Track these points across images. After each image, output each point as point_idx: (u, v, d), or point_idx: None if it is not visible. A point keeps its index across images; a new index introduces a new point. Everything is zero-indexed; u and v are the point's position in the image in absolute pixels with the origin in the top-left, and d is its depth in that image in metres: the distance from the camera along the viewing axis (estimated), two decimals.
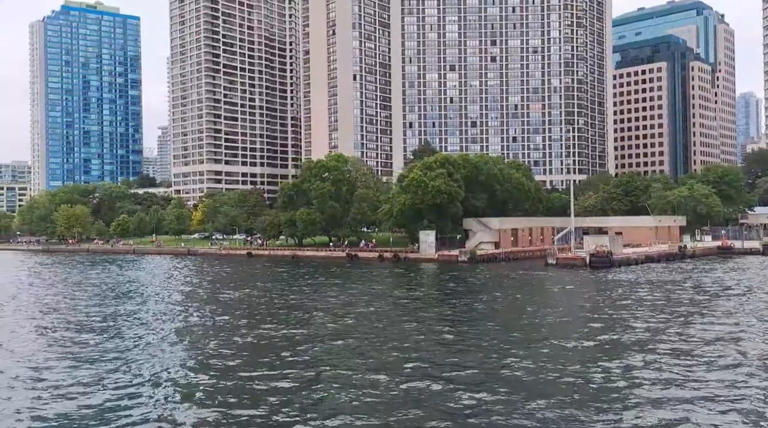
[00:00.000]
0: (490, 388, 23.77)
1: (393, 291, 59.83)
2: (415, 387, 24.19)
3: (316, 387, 24.53)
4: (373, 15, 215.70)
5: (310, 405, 22.32)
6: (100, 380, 26.07)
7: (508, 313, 44.32)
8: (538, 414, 20.73)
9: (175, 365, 28.70)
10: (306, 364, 28.37)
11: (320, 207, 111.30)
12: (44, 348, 33.00)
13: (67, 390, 24.85)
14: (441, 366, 27.73)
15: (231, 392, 24.17)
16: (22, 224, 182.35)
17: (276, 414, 21.36)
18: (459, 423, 20.18)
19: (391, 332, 36.53)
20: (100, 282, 72.32)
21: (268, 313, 45.14)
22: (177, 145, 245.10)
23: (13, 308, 50.35)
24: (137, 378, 26.36)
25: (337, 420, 20.56)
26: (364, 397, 23.05)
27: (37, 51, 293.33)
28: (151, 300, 54.31)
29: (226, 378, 26.18)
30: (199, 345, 33.33)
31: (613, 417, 20.36)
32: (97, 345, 33.72)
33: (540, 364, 27.35)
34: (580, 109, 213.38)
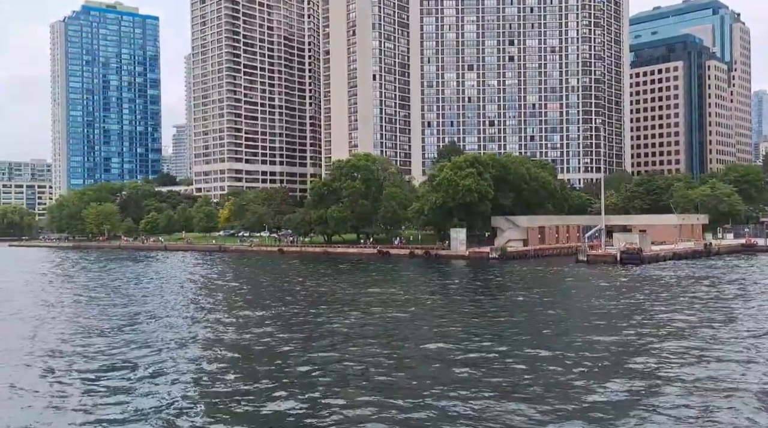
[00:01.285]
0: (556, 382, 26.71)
1: (439, 286, 62.88)
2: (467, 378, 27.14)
3: (390, 364, 27.67)
4: (393, 15, 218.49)
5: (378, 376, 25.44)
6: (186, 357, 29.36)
7: (557, 307, 47.22)
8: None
9: (259, 353, 31.93)
10: (388, 346, 31.54)
11: (351, 205, 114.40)
12: (152, 332, 36.36)
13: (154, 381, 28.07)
14: (499, 357, 30.78)
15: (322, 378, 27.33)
16: (52, 221, 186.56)
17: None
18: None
19: (453, 324, 39.59)
20: (169, 277, 75.90)
21: (331, 303, 48.34)
22: (198, 144, 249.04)
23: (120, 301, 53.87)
24: (226, 354, 29.61)
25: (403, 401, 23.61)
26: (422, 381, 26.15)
27: (58, 51, 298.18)
28: (222, 291, 57.66)
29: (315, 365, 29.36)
30: (286, 334, 36.55)
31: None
32: (190, 327, 37.05)
33: (603, 355, 30.34)
34: (598, 108, 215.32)
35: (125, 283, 68.86)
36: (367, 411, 21.32)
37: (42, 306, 49.51)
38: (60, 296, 56.32)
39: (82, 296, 56.12)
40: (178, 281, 70.72)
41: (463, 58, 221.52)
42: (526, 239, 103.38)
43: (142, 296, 55.91)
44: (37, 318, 42.90)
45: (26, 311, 46.56)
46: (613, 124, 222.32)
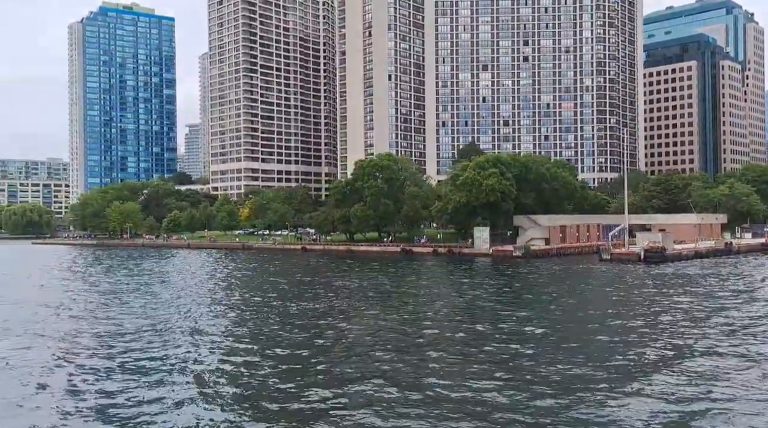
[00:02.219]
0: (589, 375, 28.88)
1: (469, 283, 65.15)
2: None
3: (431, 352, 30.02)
4: (408, 16, 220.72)
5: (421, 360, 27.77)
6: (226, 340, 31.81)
7: (590, 303, 49.37)
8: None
9: (311, 345, 34.34)
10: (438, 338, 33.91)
11: (374, 204, 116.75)
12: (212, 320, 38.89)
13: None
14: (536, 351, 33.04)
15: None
16: (75, 219, 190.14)
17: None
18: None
19: (503, 318, 41.90)
20: (209, 272, 78.56)
21: (372, 298, 50.74)
22: (215, 143, 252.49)
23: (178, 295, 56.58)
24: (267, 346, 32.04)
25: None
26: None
27: (76, 51, 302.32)
28: (268, 286, 60.20)
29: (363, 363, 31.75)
30: (334, 329, 38.99)
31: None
32: (239, 318, 39.56)
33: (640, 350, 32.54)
34: (612, 108, 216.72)
35: (175, 277, 71.58)
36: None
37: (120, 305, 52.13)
38: (121, 295, 58.97)
39: (151, 291, 58.80)
40: (221, 277, 73.33)
41: (478, 58, 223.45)
42: (547, 238, 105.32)
43: (196, 291, 58.49)
44: (112, 316, 45.48)
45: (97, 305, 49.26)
46: (627, 123, 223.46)
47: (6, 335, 36.68)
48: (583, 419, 20.51)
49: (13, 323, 40.73)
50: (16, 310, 47.23)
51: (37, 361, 29.66)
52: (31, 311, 45.98)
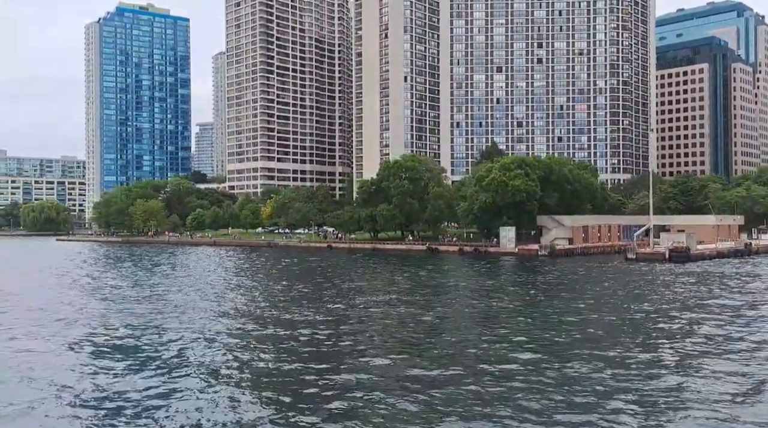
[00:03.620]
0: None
1: (507, 279, 68.43)
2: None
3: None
4: (423, 18, 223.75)
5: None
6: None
7: (633, 299, 52.59)
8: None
9: (382, 340, 37.67)
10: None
11: (400, 204, 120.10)
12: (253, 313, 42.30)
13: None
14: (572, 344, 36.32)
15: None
16: (99, 217, 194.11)
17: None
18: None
19: (532, 316, 45.20)
20: (251, 269, 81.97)
21: (422, 293, 54.09)
22: (231, 143, 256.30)
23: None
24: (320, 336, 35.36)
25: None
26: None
27: (93, 51, 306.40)
28: (312, 283, 63.59)
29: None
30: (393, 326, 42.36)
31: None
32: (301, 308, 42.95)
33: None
34: (625, 110, 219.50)
35: (221, 275, 75.06)
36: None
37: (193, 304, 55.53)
38: (186, 291, 62.26)
39: (207, 288, 62.20)
40: (264, 273, 76.74)
41: (492, 60, 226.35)
42: (571, 238, 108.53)
43: (247, 286, 61.92)
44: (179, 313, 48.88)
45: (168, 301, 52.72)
46: (640, 125, 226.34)
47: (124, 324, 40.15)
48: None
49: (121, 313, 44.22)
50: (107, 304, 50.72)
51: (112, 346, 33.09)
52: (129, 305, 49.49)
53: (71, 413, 22.09)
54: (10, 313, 44.46)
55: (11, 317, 42.39)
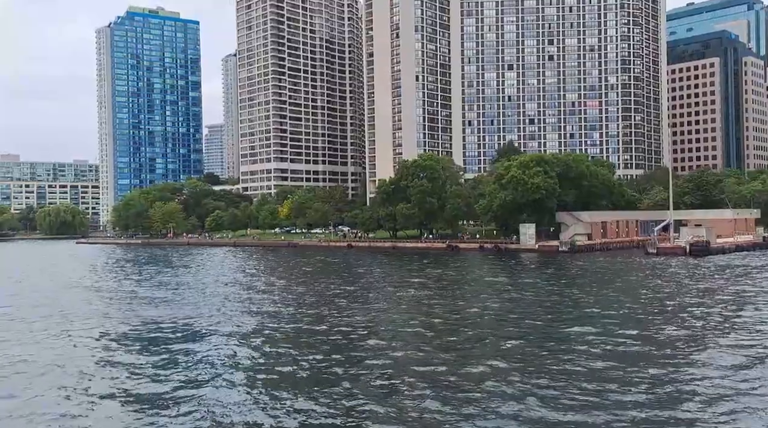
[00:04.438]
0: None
1: (536, 275, 69.88)
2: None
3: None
4: (434, 17, 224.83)
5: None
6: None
7: (665, 290, 53.96)
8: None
9: (418, 337, 39.27)
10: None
11: (419, 203, 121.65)
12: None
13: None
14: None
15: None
16: (119, 219, 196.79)
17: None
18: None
19: (588, 306, 46.69)
20: (285, 268, 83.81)
21: (463, 288, 55.68)
22: (244, 144, 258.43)
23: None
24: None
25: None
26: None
27: (104, 56, 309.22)
28: (353, 279, 65.29)
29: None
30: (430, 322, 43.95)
31: None
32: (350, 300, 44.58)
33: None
34: (637, 105, 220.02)
35: (256, 274, 76.92)
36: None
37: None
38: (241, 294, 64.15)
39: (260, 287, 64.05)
40: (300, 271, 78.51)
41: (503, 57, 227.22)
42: (590, 234, 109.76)
43: (283, 285, 63.71)
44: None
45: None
46: (652, 121, 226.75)
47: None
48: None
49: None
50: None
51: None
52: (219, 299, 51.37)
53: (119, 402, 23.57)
54: (101, 310, 46.44)
55: (102, 312, 44.33)
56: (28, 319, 43.20)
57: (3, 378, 27.23)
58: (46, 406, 23.16)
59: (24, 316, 44.73)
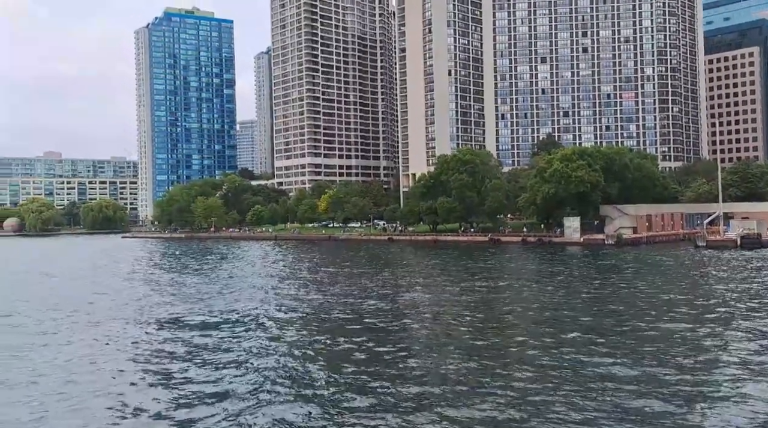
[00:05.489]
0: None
1: (589, 269, 71.19)
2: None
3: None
4: (466, 12, 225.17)
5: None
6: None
7: (728, 284, 54.94)
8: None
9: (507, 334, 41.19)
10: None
11: (460, 197, 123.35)
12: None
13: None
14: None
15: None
16: (162, 214, 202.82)
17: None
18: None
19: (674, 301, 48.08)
20: (345, 260, 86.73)
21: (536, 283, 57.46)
22: (279, 140, 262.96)
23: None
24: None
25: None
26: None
27: (142, 55, 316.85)
28: (420, 272, 67.61)
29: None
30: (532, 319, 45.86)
31: None
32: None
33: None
34: (674, 97, 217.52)
35: (308, 266, 79.87)
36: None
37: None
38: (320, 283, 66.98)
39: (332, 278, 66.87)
40: (354, 263, 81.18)
41: (536, 50, 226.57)
42: (635, 227, 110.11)
43: (336, 275, 66.35)
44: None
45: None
46: (690, 112, 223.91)
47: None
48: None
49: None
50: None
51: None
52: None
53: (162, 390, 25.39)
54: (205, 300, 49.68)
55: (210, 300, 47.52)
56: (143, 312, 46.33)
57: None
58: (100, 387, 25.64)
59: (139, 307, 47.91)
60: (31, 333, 37.39)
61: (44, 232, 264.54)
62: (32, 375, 27.71)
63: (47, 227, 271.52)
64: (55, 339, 35.74)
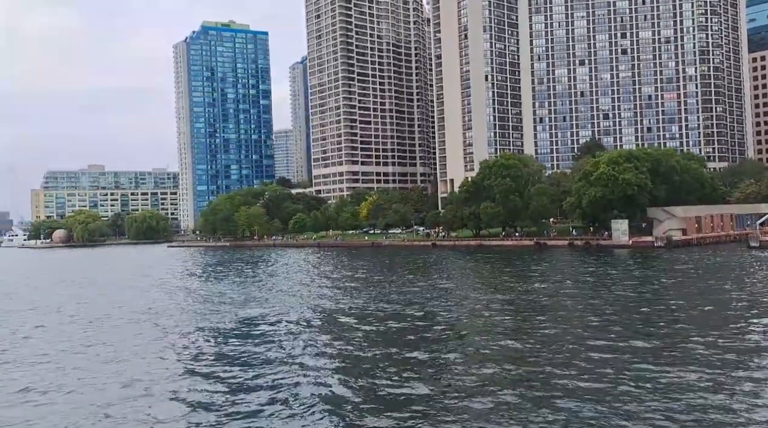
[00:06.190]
0: None
1: (647, 272, 70.61)
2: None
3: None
4: (502, 17, 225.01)
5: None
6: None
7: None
8: None
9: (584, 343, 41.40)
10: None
11: (503, 201, 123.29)
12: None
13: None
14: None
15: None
16: (206, 223, 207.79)
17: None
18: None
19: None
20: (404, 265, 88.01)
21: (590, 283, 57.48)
22: (316, 149, 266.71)
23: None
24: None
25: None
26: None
27: (181, 69, 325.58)
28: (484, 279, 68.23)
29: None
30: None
31: None
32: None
33: None
34: (718, 96, 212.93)
35: (362, 273, 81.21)
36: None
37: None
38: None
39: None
40: (404, 268, 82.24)
41: (574, 53, 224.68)
42: (684, 229, 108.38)
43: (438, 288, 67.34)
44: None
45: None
46: (734, 112, 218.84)
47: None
48: None
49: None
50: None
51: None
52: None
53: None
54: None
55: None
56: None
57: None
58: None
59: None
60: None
61: (91, 243, 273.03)
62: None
63: (93, 238, 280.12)
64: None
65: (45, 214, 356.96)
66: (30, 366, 31.88)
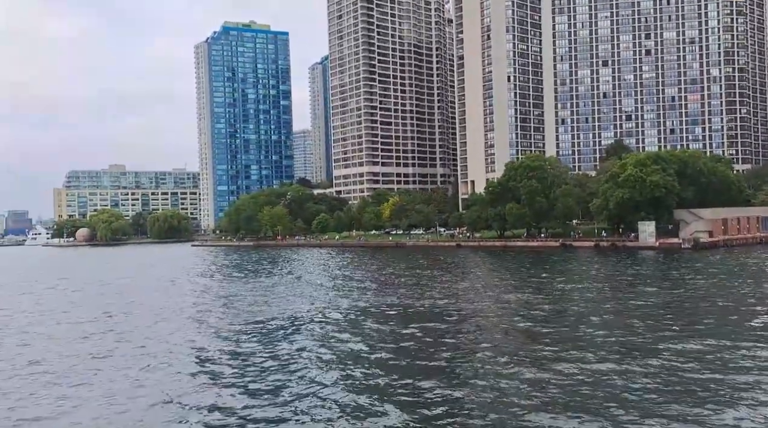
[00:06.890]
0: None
1: (678, 274, 70.73)
2: None
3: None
4: (525, 17, 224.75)
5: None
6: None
7: None
8: None
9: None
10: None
11: (529, 203, 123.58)
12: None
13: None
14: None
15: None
16: (229, 223, 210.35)
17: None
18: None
19: None
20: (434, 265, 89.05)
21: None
22: (337, 149, 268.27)
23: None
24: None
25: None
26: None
27: (202, 69, 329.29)
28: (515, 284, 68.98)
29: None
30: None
31: None
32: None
33: None
34: (742, 98, 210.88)
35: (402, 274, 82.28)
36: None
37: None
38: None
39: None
40: (439, 270, 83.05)
41: (597, 54, 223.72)
42: (710, 231, 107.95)
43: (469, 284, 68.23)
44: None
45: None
46: (759, 113, 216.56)
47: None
48: None
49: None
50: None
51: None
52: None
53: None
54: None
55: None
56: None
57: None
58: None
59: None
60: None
61: (114, 241, 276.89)
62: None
63: (116, 236, 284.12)
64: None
65: (67, 213, 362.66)
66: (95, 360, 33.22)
